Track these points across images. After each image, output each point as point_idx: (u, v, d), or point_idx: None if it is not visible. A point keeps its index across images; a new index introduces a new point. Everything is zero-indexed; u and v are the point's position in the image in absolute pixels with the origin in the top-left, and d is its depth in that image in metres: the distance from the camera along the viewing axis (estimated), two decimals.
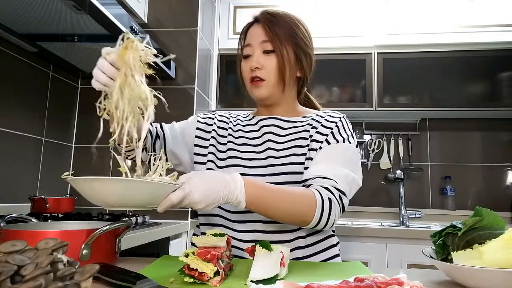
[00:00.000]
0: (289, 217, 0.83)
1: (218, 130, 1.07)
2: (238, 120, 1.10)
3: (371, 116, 2.47)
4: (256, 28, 1.00)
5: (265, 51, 0.98)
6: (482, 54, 2.23)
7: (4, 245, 0.45)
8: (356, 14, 2.38)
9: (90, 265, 0.46)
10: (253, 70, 0.97)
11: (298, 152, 0.95)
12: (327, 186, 0.86)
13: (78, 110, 2.08)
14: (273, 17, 0.99)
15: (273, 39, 0.97)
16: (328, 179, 0.87)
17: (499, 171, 2.43)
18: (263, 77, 0.97)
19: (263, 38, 0.97)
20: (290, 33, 0.99)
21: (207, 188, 0.71)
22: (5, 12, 1.32)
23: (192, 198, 0.69)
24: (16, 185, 1.66)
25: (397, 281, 0.53)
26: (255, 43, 0.99)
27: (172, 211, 1.93)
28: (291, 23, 1.01)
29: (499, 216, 0.68)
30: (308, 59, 1.03)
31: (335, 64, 2.33)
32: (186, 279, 0.62)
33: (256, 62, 0.97)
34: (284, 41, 0.97)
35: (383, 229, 2.02)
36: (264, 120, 1.03)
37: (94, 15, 1.32)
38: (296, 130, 1.00)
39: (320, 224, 0.85)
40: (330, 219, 0.85)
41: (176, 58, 2.06)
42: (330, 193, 0.85)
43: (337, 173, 0.89)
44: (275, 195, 0.81)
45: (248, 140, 1.02)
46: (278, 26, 0.98)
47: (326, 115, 1.01)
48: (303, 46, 1.01)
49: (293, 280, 0.63)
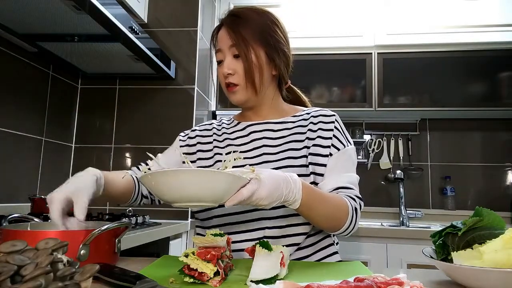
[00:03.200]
0: (327, 221, 0.86)
1: (203, 140, 1.05)
2: (223, 128, 1.07)
3: (371, 116, 2.47)
4: (222, 32, 0.97)
5: (235, 55, 0.95)
6: (482, 54, 2.23)
7: (4, 245, 0.45)
8: (356, 14, 2.38)
9: (90, 265, 0.46)
10: (226, 76, 0.95)
11: (295, 156, 0.95)
12: (351, 196, 0.90)
13: (78, 110, 2.08)
14: (238, 18, 0.95)
15: (237, 43, 0.93)
16: (349, 189, 0.92)
17: (499, 171, 2.43)
18: (236, 82, 0.95)
19: (230, 43, 0.94)
20: (257, 32, 0.95)
21: (273, 185, 0.71)
22: (5, 12, 1.32)
23: (260, 194, 0.68)
24: (16, 185, 1.66)
25: (397, 281, 0.53)
26: (224, 48, 0.96)
27: (172, 211, 1.93)
28: (259, 21, 0.96)
29: (499, 216, 0.68)
30: (282, 55, 0.98)
31: (335, 64, 2.33)
32: (186, 279, 0.62)
33: (227, 68, 0.95)
34: (251, 43, 0.93)
35: (383, 229, 2.02)
36: (253, 126, 1.02)
37: (94, 15, 1.32)
38: (289, 132, 0.99)
39: (347, 231, 0.90)
40: (355, 227, 0.91)
41: (176, 58, 2.07)
42: (355, 202, 0.90)
43: (352, 180, 0.94)
44: (322, 199, 0.83)
45: (236, 147, 1.00)
46: (243, 28, 0.94)
47: (318, 115, 1.00)
48: (274, 43, 0.96)
49: (293, 280, 0.63)
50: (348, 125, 2.54)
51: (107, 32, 1.44)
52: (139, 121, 2.05)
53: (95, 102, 2.08)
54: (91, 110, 2.08)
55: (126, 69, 1.89)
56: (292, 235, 0.91)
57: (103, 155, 2.04)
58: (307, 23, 2.37)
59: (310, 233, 0.93)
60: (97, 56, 1.72)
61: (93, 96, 2.08)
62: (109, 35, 1.47)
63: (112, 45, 1.58)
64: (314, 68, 2.31)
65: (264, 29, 0.96)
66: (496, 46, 2.22)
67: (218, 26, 1.00)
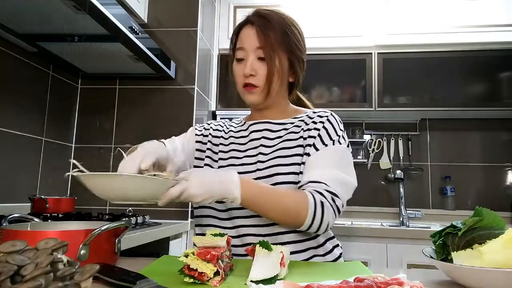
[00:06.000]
0: (282, 216, 0.86)
1: (213, 140, 1.07)
2: (232, 127, 1.09)
3: (371, 116, 2.47)
4: (249, 31, 0.96)
5: (259, 58, 0.95)
6: (482, 54, 2.23)
7: (4, 245, 0.45)
8: (356, 14, 2.38)
9: (90, 265, 0.46)
10: (247, 76, 0.95)
11: (286, 154, 0.94)
12: (319, 190, 0.87)
13: (78, 110, 2.08)
14: (266, 21, 0.95)
15: (265, 46, 0.93)
16: (319, 183, 0.88)
17: (499, 171, 2.43)
18: (256, 84, 0.95)
19: (257, 44, 0.94)
20: (284, 39, 0.95)
21: (204, 183, 0.76)
22: (5, 12, 1.32)
23: (189, 192, 0.74)
24: (16, 185, 1.66)
25: (397, 281, 0.53)
26: (249, 48, 0.95)
27: (172, 211, 1.93)
28: (285, 27, 0.97)
29: (499, 216, 0.68)
30: (301, 64, 1.00)
31: (335, 64, 2.33)
32: (186, 279, 0.62)
33: (250, 69, 0.94)
34: (277, 49, 0.94)
35: (383, 229, 2.02)
36: (254, 125, 1.03)
37: (94, 15, 1.32)
38: (286, 132, 1.00)
39: (313, 227, 0.86)
40: (323, 222, 0.86)
41: (176, 58, 2.07)
42: (322, 197, 0.86)
43: (328, 177, 0.89)
44: (269, 194, 0.84)
45: (237, 146, 1.02)
46: (272, 32, 0.94)
47: (315, 115, 1.00)
48: (297, 52, 0.98)
49: (293, 280, 0.63)
50: (348, 125, 2.54)
51: (107, 32, 1.44)
52: (139, 121, 2.05)
53: (95, 102, 2.08)
54: (91, 110, 2.07)
55: (126, 69, 1.89)
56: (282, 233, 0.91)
57: (103, 155, 2.04)
58: (307, 23, 2.36)
59: (304, 238, 0.92)
60: (97, 56, 1.72)
61: (93, 96, 2.08)
62: (109, 35, 1.47)
63: (112, 45, 1.58)
64: (314, 68, 2.31)
65: (290, 37, 0.97)
66: (496, 46, 2.22)
67: (242, 24, 0.99)
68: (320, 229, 0.87)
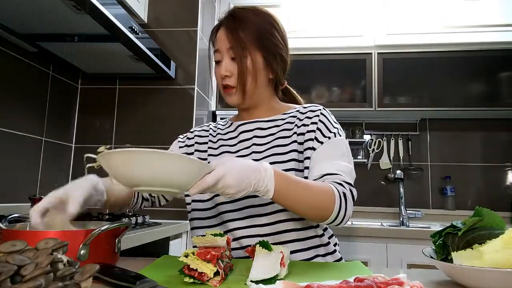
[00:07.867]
0: (311, 209, 0.82)
1: (199, 147, 1.06)
2: (218, 129, 1.08)
3: (371, 116, 2.47)
4: (221, 32, 0.96)
5: (232, 58, 0.94)
6: (482, 54, 2.23)
7: (4, 245, 0.45)
8: (355, 14, 2.38)
9: (90, 265, 0.46)
10: (223, 77, 0.96)
11: (281, 152, 0.94)
12: (338, 181, 0.86)
13: (78, 110, 2.08)
14: (237, 21, 0.95)
15: (234, 46, 0.93)
16: (336, 175, 0.88)
17: (499, 171, 2.43)
18: (233, 84, 0.95)
19: (227, 45, 0.94)
20: (255, 36, 0.94)
21: (240, 173, 0.69)
22: (5, 12, 1.32)
23: (226, 181, 0.67)
24: (16, 185, 1.66)
25: (397, 281, 0.53)
26: (222, 49, 0.96)
27: (172, 211, 1.93)
28: (258, 24, 0.96)
29: (499, 216, 0.68)
30: (279, 59, 0.98)
31: (335, 64, 2.33)
32: (186, 279, 0.62)
33: (225, 70, 0.94)
34: (248, 47, 0.93)
35: (383, 229, 2.02)
36: (243, 125, 1.02)
37: (94, 15, 1.32)
38: (278, 129, 0.99)
39: (338, 219, 0.84)
40: (346, 214, 0.85)
41: (176, 58, 2.07)
42: (343, 188, 0.85)
43: (340, 168, 0.89)
44: (301, 187, 0.80)
45: (228, 147, 1.01)
46: (242, 31, 0.93)
47: (307, 110, 0.99)
48: (272, 48, 0.96)
49: (293, 280, 0.63)
50: (348, 125, 2.54)
51: (107, 32, 1.44)
52: (139, 121, 2.05)
53: (95, 102, 2.08)
54: (91, 110, 2.07)
55: (126, 69, 1.89)
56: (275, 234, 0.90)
57: None
58: (307, 23, 2.37)
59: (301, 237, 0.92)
60: (97, 56, 1.72)
61: (93, 96, 2.08)
62: (109, 35, 1.47)
63: (112, 45, 1.58)
64: (314, 68, 2.31)
65: (263, 33, 0.95)
66: (496, 46, 2.22)
67: (217, 26, 0.99)
68: (343, 221, 0.86)
